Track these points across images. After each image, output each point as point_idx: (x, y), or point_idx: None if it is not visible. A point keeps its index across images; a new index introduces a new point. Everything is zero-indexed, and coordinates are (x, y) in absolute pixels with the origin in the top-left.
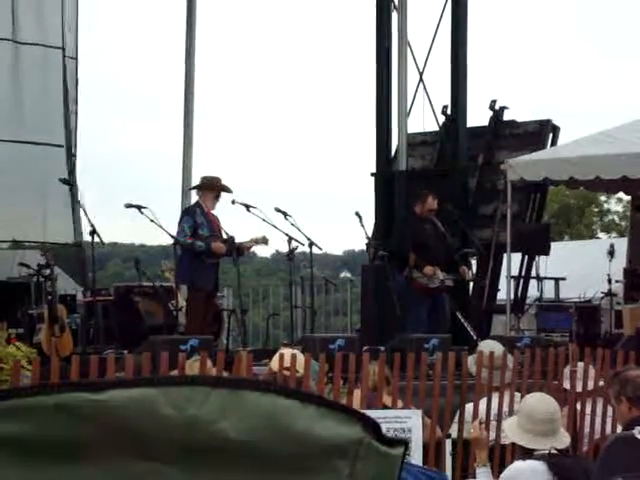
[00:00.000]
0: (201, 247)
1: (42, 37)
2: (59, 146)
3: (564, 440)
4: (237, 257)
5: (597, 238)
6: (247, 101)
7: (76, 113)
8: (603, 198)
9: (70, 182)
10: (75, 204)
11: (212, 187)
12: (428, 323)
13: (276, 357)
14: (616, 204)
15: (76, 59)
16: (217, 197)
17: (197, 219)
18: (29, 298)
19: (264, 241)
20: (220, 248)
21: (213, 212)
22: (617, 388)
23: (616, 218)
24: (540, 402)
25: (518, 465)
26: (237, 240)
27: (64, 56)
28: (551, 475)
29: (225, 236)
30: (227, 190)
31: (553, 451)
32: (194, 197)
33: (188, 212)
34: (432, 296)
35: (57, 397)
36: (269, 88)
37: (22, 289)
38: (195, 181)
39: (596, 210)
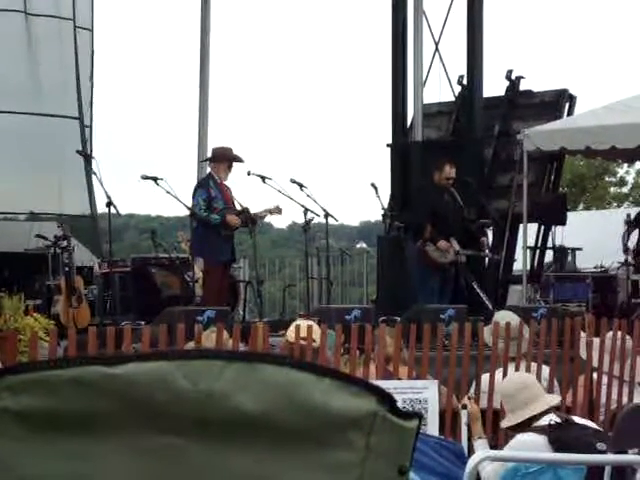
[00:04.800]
0: (217, 220)
1: (55, 9)
2: (74, 118)
3: (544, 404)
4: (253, 228)
5: (614, 207)
6: (263, 73)
7: (92, 85)
8: (620, 169)
9: (87, 154)
10: (93, 175)
11: (224, 158)
12: (439, 295)
13: (292, 328)
14: (637, 176)
15: (92, 31)
16: (229, 168)
17: (211, 191)
18: (46, 270)
19: (277, 211)
20: (234, 220)
21: (226, 183)
22: None
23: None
24: (509, 379)
25: (520, 438)
26: (252, 211)
27: (75, 27)
28: (551, 448)
29: (239, 207)
30: (239, 160)
31: (552, 422)
32: (209, 168)
33: (201, 185)
34: (443, 270)
35: (73, 371)
36: (285, 60)
37: (39, 261)
38: (210, 153)
39: (609, 180)
